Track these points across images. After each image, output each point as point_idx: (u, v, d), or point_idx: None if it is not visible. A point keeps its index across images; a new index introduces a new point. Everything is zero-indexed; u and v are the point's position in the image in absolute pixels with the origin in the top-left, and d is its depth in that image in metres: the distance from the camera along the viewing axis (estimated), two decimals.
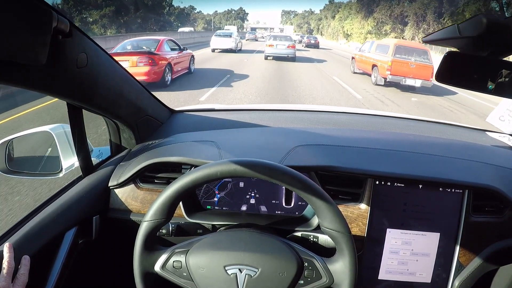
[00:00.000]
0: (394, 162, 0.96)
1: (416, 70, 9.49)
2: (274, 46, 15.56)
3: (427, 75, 9.43)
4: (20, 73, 0.61)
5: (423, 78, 9.43)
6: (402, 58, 9.70)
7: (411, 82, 9.54)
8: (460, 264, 0.94)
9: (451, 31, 0.64)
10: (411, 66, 9.55)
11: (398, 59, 9.65)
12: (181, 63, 9.16)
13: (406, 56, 9.78)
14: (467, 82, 0.70)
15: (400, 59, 9.66)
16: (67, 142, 1.04)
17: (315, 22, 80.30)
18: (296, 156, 0.94)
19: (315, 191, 0.67)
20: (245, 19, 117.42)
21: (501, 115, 1.39)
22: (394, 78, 9.59)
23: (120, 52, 7.96)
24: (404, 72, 9.51)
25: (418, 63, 9.61)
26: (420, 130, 1.35)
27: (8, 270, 0.66)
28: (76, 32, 0.71)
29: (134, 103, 1.05)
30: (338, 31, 50.26)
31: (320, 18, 77.06)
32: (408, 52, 9.88)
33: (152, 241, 0.71)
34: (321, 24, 71.40)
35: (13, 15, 0.53)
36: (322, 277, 0.69)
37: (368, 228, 0.93)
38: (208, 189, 0.97)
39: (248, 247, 0.70)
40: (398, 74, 9.53)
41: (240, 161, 0.67)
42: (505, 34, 0.58)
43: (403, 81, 9.53)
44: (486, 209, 0.94)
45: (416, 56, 9.81)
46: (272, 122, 1.30)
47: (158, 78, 7.63)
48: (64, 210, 0.86)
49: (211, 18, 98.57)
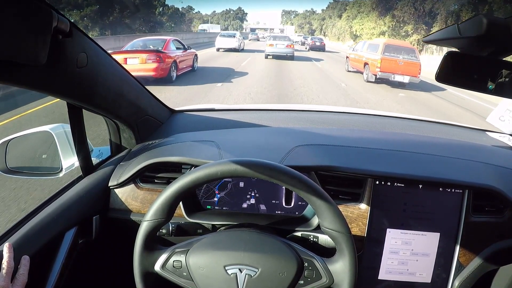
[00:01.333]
0: (394, 162, 0.96)
1: (404, 67, 10.15)
2: (274, 45, 16.53)
3: (414, 72, 10.18)
4: (20, 73, 0.61)
5: (411, 75, 10.09)
6: (391, 56, 10.33)
7: (399, 79, 10.17)
8: (460, 264, 0.94)
9: (451, 31, 0.64)
10: (400, 64, 10.19)
11: (387, 57, 10.29)
12: (185, 61, 9.98)
13: (394, 54, 10.42)
14: (467, 82, 0.70)
15: (389, 57, 10.31)
16: (67, 142, 1.04)
17: (318, 22, 75.51)
18: (296, 156, 0.94)
19: (315, 191, 0.67)
20: (244, 19, 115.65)
21: (501, 115, 1.39)
22: (384, 75, 10.27)
23: (131, 50, 8.73)
24: (393, 69, 10.17)
25: (406, 60, 10.26)
26: (420, 130, 1.35)
27: (7, 270, 0.66)
28: (76, 32, 0.71)
29: (134, 103, 1.05)
30: (345, 31, 45.58)
31: (323, 17, 72.43)
32: (396, 51, 10.54)
33: (152, 241, 0.71)
34: (325, 24, 66.38)
35: (13, 15, 0.53)
36: (322, 277, 0.69)
37: (368, 228, 0.93)
38: (208, 189, 0.97)
39: (248, 247, 0.70)
40: (387, 71, 10.21)
41: (240, 161, 0.67)
42: (505, 34, 0.58)
43: (392, 77, 10.17)
44: (486, 209, 0.94)
45: (404, 54, 10.48)
46: (272, 122, 1.30)
47: (165, 74, 8.42)
48: (64, 210, 0.86)
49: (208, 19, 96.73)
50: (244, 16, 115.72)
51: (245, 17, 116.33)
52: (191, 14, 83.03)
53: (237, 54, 18.68)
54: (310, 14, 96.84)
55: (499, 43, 0.63)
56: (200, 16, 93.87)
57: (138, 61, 8.06)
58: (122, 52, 8.68)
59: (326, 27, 64.56)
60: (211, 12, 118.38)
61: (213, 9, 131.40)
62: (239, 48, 20.67)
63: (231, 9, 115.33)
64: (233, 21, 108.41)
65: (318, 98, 8.09)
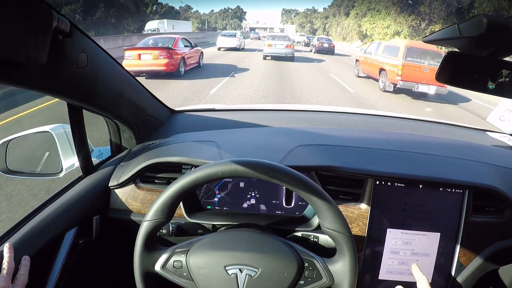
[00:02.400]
0: (394, 162, 0.96)
1: (430, 76, 8.13)
2: (272, 45, 15.80)
3: None
4: (20, 73, 0.61)
5: (438, 85, 8.01)
6: (414, 62, 8.51)
7: (424, 89, 8.40)
8: (461, 264, 0.94)
9: (452, 31, 0.64)
10: (425, 71, 8.34)
11: (410, 63, 8.46)
12: (192, 57, 11.13)
13: (418, 59, 8.59)
14: (467, 82, 0.70)
15: (412, 63, 8.48)
16: (67, 142, 1.04)
17: (321, 21, 70.82)
18: (297, 156, 0.94)
19: (316, 191, 0.67)
20: (243, 18, 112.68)
21: (501, 115, 1.39)
22: (405, 84, 8.45)
23: (144, 47, 9.76)
24: (416, 77, 8.36)
25: (432, 67, 8.29)
26: (420, 130, 1.35)
27: (8, 270, 0.66)
28: (76, 32, 0.71)
29: (134, 103, 1.05)
30: (352, 31, 41.05)
31: (326, 16, 68.46)
32: (420, 55, 8.65)
33: (152, 241, 0.71)
34: (328, 23, 61.97)
35: (13, 15, 0.53)
36: (322, 277, 0.69)
37: (368, 228, 0.93)
38: (208, 189, 0.97)
39: (248, 247, 0.70)
40: (410, 79, 8.38)
41: (241, 161, 0.67)
42: (505, 34, 0.58)
43: (416, 87, 8.40)
44: (486, 209, 0.94)
45: (430, 59, 8.57)
46: (273, 122, 1.30)
47: (175, 69, 9.56)
48: (64, 210, 0.86)
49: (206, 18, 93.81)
50: (243, 15, 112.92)
51: (243, 16, 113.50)
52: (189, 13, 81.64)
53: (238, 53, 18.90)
54: (311, 12, 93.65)
55: (499, 43, 0.63)
56: (197, 15, 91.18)
57: (151, 57, 9.19)
58: (135, 49, 9.62)
59: (329, 26, 60.39)
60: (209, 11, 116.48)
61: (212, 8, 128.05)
62: (240, 47, 21.08)
63: (229, 7, 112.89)
64: (231, 20, 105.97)
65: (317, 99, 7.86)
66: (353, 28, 40.86)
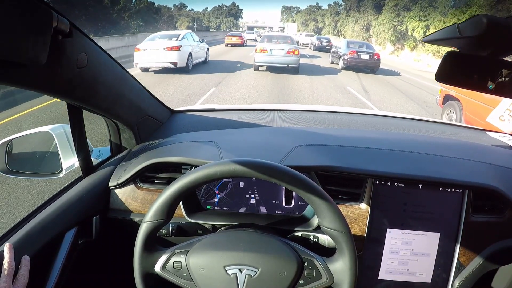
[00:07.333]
0: (394, 162, 0.96)
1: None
2: (268, 51, 10.44)
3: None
4: (20, 73, 0.61)
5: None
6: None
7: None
8: (460, 264, 0.94)
9: (451, 31, 0.64)
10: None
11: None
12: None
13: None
14: (467, 82, 0.70)
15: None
16: (67, 142, 1.04)
17: (331, 18, 55.39)
18: (296, 156, 0.94)
19: (315, 191, 0.67)
20: (239, 16, 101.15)
21: (501, 115, 1.40)
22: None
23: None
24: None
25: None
26: (420, 130, 1.35)
27: (8, 271, 0.66)
28: (76, 32, 0.71)
29: (134, 103, 1.05)
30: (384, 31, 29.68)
31: (337, 12, 55.56)
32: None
33: (152, 242, 0.71)
34: (340, 20, 48.60)
35: (13, 15, 0.53)
36: (322, 277, 0.69)
37: (368, 228, 0.93)
38: (208, 189, 0.97)
39: (248, 247, 0.70)
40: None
41: (240, 161, 0.67)
42: (505, 34, 0.58)
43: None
44: (486, 209, 0.94)
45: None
46: (272, 122, 1.31)
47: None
48: (64, 210, 0.86)
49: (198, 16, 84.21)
50: (239, 13, 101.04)
51: (240, 14, 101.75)
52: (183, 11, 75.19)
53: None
54: (315, 9, 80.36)
55: (499, 43, 0.63)
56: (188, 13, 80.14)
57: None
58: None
59: (342, 24, 46.70)
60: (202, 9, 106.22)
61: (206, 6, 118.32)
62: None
63: (224, 5, 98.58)
64: (225, 18, 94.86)
65: None
66: (386, 28, 29.31)
